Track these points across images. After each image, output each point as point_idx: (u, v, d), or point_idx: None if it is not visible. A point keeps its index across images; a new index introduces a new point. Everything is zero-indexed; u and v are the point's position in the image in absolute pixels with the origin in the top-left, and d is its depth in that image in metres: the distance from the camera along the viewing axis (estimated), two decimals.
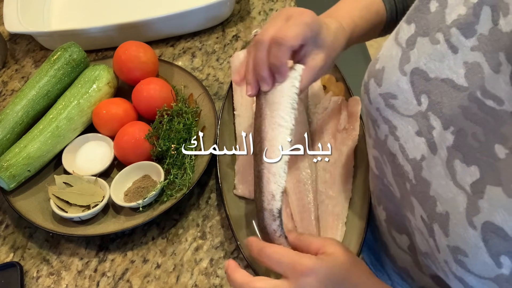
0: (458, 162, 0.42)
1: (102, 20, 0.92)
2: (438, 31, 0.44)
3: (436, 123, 0.45)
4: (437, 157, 0.44)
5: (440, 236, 0.44)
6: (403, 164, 0.49)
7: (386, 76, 0.49)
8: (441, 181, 0.44)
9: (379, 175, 0.58)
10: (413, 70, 0.46)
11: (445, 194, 0.43)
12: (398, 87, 0.48)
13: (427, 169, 0.46)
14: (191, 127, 0.76)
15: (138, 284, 0.68)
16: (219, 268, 0.68)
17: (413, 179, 0.48)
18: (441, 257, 0.45)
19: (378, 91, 0.50)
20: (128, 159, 0.75)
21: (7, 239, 0.74)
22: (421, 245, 0.52)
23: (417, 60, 0.46)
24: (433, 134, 0.45)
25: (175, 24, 0.93)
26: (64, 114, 0.76)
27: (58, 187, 0.72)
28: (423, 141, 0.46)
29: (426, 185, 0.46)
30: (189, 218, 0.73)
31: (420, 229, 0.49)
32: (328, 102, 0.77)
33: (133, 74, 0.81)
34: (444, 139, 0.44)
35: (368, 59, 2.13)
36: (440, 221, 0.44)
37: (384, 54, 0.51)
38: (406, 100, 0.47)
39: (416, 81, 0.46)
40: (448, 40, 0.43)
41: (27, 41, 0.99)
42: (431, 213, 0.45)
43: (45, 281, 0.69)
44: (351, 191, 0.70)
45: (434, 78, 0.44)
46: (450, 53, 0.43)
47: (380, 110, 0.50)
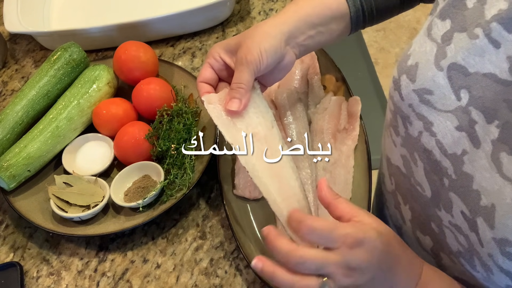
0: (504, 155, 0.42)
1: (102, 20, 0.92)
2: (477, 26, 0.44)
3: (478, 117, 0.45)
4: (480, 150, 0.45)
5: (484, 229, 0.44)
6: (441, 160, 0.49)
7: (421, 72, 0.49)
8: (486, 174, 0.44)
9: (406, 173, 0.58)
10: (450, 65, 0.46)
11: (490, 187, 0.43)
12: (434, 83, 0.48)
13: (469, 163, 0.46)
14: (191, 127, 0.76)
15: (138, 284, 0.68)
16: (219, 268, 0.68)
17: (452, 174, 0.48)
18: (485, 251, 0.45)
19: (411, 87, 0.50)
20: (128, 159, 0.75)
21: (7, 239, 0.74)
22: (452, 244, 0.51)
23: (454, 55, 0.46)
24: (475, 128, 0.45)
25: (175, 24, 0.93)
26: (64, 114, 0.76)
27: (58, 187, 0.72)
28: (464, 135, 0.46)
29: (469, 179, 0.46)
30: (189, 218, 0.73)
31: (457, 226, 0.49)
32: (328, 102, 0.77)
33: (133, 74, 0.81)
34: (488, 133, 0.44)
35: (368, 59, 2.13)
36: (485, 214, 0.44)
37: (417, 50, 0.50)
38: (444, 96, 0.47)
39: (454, 76, 0.46)
40: (489, 35, 0.43)
41: (27, 41, 0.99)
42: (475, 207, 0.45)
43: (45, 281, 0.69)
44: (351, 191, 0.70)
45: (474, 73, 0.44)
46: (491, 48, 0.43)
47: (414, 106, 0.50)
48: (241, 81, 0.58)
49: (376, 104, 1.98)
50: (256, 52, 0.58)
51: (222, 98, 0.60)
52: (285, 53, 0.61)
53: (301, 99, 0.77)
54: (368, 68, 2.10)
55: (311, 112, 0.78)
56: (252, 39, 0.59)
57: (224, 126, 0.58)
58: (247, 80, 0.58)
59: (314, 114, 0.77)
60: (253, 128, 0.58)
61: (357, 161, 0.72)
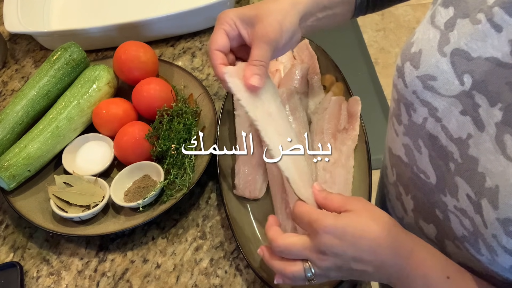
0: (508, 137, 0.43)
1: (102, 20, 0.92)
2: (479, 11, 0.45)
3: (481, 101, 0.45)
4: (485, 134, 0.45)
5: (488, 210, 0.45)
6: (446, 145, 0.50)
7: (424, 58, 0.50)
8: (490, 157, 0.45)
9: (408, 163, 0.58)
10: (453, 51, 0.47)
11: (495, 169, 0.44)
12: (438, 68, 0.48)
13: (474, 147, 0.46)
14: (191, 127, 0.76)
15: (138, 284, 0.68)
16: (219, 268, 0.68)
17: (458, 158, 0.49)
18: (489, 232, 0.46)
19: (415, 73, 0.50)
20: (128, 159, 0.75)
21: (7, 239, 0.74)
22: (457, 229, 0.52)
23: (457, 41, 0.46)
24: (479, 112, 0.46)
25: (175, 24, 0.93)
26: (64, 114, 0.76)
27: (58, 187, 0.72)
28: (468, 119, 0.47)
29: (474, 162, 0.46)
30: (189, 218, 0.73)
31: (462, 209, 0.49)
32: (328, 102, 0.77)
33: (133, 74, 0.81)
34: (492, 116, 0.44)
35: (368, 59, 2.13)
36: (489, 195, 0.45)
37: (420, 38, 0.51)
38: (447, 81, 0.48)
39: (457, 61, 0.47)
40: (491, 19, 0.44)
41: (27, 41, 0.99)
42: (480, 189, 0.46)
43: (45, 281, 0.69)
44: (351, 191, 0.70)
45: (477, 57, 0.45)
46: (493, 32, 0.44)
47: (418, 93, 0.51)
48: (263, 59, 0.58)
49: (376, 104, 1.98)
50: (278, 30, 0.58)
51: (240, 73, 0.58)
52: (296, 32, 0.61)
53: (301, 99, 0.77)
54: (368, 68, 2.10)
55: (311, 112, 0.78)
56: (273, 16, 0.58)
57: (248, 100, 0.57)
58: (267, 58, 0.58)
59: (314, 114, 0.77)
60: (268, 107, 0.58)
61: (357, 161, 0.72)
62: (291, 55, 0.86)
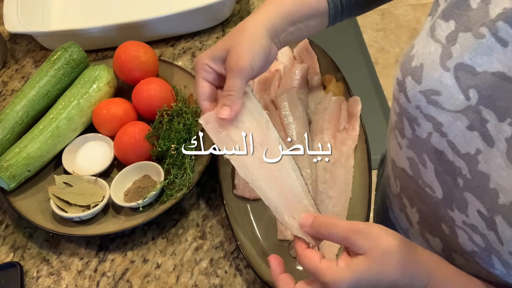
0: None
1: (102, 20, 0.92)
2: (482, 25, 0.44)
3: (489, 116, 0.45)
4: (495, 149, 0.44)
5: (503, 227, 0.44)
6: (454, 160, 0.49)
7: (426, 73, 0.49)
8: (502, 173, 0.44)
9: (413, 176, 0.57)
10: (457, 66, 0.46)
11: (508, 185, 0.43)
12: (441, 83, 0.47)
13: (484, 162, 0.46)
14: (191, 127, 0.76)
15: (138, 284, 0.68)
16: (219, 268, 0.68)
17: (467, 173, 0.48)
18: (505, 249, 0.45)
19: (417, 88, 0.50)
20: (128, 159, 0.75)
21: (7, 239, 0.74)
22: (465, 244, 0.51)
23: (461, 55, 0.46)
24: (487, 127, 0.45)
25: (175, 24, 0.93)
26: (64, 114, 0.76)
27: (58, 187, 0.72)
28: (476, 135, 0.46)
29: (485, 178, 0.46)
30: (189, 218, 0.73)
31: (473, 226, 0.49)
32: (328, 102, 0.77)
33: (133, 74, 0.81)
34: (501, 131, 0.44)
35: (368, 59, 2.13)
36: (504, 212, 0.44)
37: (420, 51, 0.50)
38: (452, 96, 0.47)
39: (461, 76, 0.46)
40: (496, 34, 0.43)
41: (27, 41, 0.99)
42: (492, 206, 0.45)
43: (45, 281, 0.69)
44: (351, 191, 0.70)
45: (483, 72, 0.44)
46: (499, 47, 0.43)
47: (421, 108, 0.50)
48: (232, 88, 0.58)
49: (376, 104, 1.98)
50: (247, 57, 0.58)
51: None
52: (271, 49, 0.62)
53: (301, 99, 0.77)
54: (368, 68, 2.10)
55: (311, 112, 0.78)
56: (241, 45, 0.59)
57: (220, 143, 0.57)
58: (238, 87, 0.58)
59: (314, 114, 0.77)
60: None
61: (357, 161, 0.72)
62: (291, 55, 0.86)
